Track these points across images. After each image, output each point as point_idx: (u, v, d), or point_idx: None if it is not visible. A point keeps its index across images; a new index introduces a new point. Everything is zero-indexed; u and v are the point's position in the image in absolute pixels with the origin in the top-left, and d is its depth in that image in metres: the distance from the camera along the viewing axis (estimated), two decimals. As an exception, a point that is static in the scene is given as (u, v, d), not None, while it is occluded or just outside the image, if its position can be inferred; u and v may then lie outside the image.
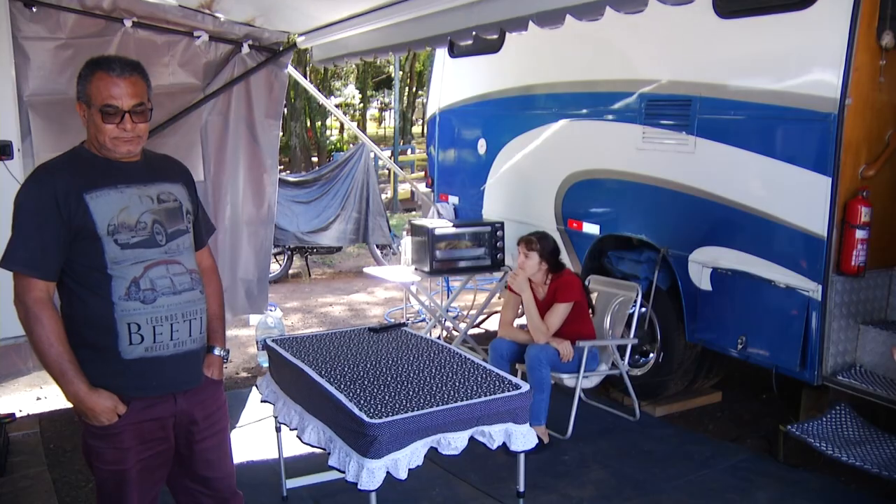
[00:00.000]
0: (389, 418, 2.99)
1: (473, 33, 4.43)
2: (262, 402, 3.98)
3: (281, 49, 5.81)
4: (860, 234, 4.32)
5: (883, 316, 4.73)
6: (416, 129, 30.87)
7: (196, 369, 2.80)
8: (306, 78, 21.67)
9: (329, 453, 3.19)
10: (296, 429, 3.56)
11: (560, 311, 4.99)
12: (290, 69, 6.08)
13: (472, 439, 3.20)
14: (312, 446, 3.39)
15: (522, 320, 5.54)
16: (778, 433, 4.69)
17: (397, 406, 3.12)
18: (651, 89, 5.33)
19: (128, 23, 4.86)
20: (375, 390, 3.32)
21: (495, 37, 4.37)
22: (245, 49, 5.56)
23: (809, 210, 4.44)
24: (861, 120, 4.34)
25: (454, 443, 3.13)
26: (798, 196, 4.50)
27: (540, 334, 4.95)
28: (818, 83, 4.37)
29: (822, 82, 4.34)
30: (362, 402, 3.17)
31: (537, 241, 5.11)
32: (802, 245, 4.48)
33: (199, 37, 5.27)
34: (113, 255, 2.55)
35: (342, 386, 3.35)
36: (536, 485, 4.30)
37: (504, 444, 3.25)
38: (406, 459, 3.01)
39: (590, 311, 5.25)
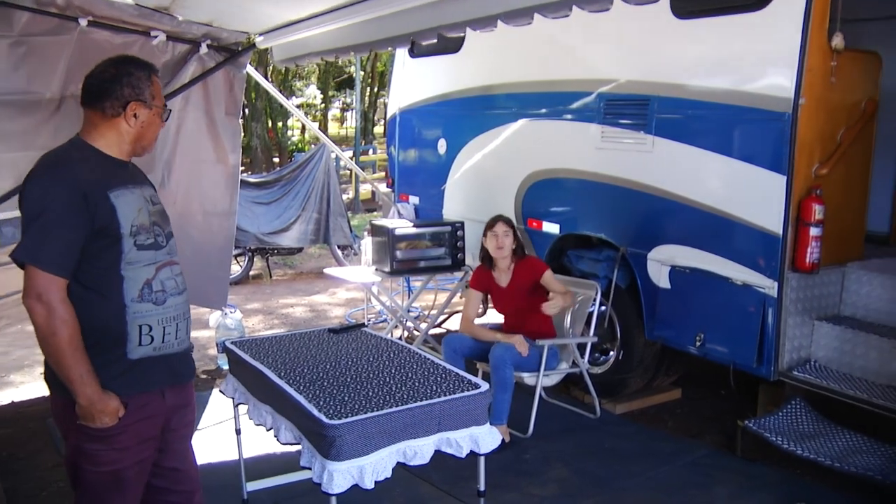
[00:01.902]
0: (349, 419, 2.98)
1: (438, 33, 4.42)
2: (235, 405, 3.93)
3: (240, 49, 5.77)
4: (814, 231, 4.39)
5: (836, 311, 4.82)
6: (378, 130, 30.83)
7: (191, 364, 2.91)
8: (267, 78, 21.55)
9: (301, 452, 3.18)
10: (271, 429, 3.53)
11: (551, 280, 5.12)
12: (250, 69, 6.04)
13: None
14: (291, 444, 3.37)
15: (483, 319, 5.57)
16: (736, 429, 4.75)
17: (357, 407, 3.11)
18: (610, 89, 5.37)
19: (83, 22, 4.79)
20: (335, 391, 3.30)
21: (461, 34, 4.37)
22: (203, 49, 5.50)
23: (765, 208, 4.50)
24: (814, 120, 4.41)
25: (421, 452, 3.13)
26: (754, 194, 4.56)
27: (566, 299, 5.05)
28: (773, 83, 4.44)
29: (777, 82, 4.41)
30: (322, 403, 3.15)
31: (510, 221, 5.23)
32: (758, 243, 4.55)
33: (156, 37, 5.21)
34: (129, 256, 2.57)
35: (302, 387, 3.33)
36: (499, 484, 4.31)
37: (470, 448, 3.27)
38: (371, 467, 2.99)
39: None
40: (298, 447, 3.19)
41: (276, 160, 23.62)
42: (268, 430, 3.54)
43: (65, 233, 2.46)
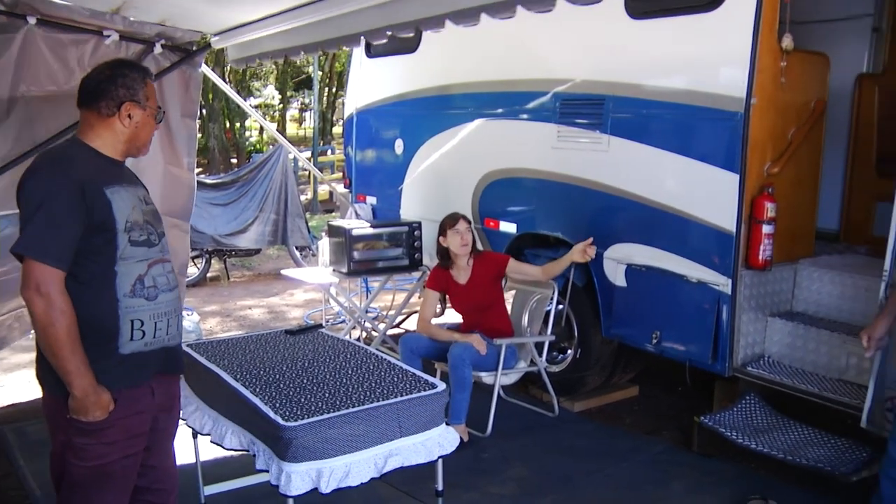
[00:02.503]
0: (305, 421, 2.98)
1: (388, 33, 4.42)
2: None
3: (194, 49, 5.71)
4: (766, 229, 4.44)
5: (789, 308, 4.90)
6: (337, 130, 30.60)
7: (181, 358, 2.99)
8: (225, 78, 21.37)
9: (254, 456, 3.17)
10: (208, 434, 3.52)
11: (518, 266, 5.25)
12: (205, 69, 5.98)
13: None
14: (236, 450, 3.36)
15: (441, 319, 5.57)
16: (693, 425, 4.80)
17: (313, 408, 3.11)
18: (565, 89, 5.41)
19: (32, 20, 4.71)
20: (291, 393, 3.30)
21: (411, 35, 4.37)
22: (157, 49, 5.44)
23: (719, 206, 4.55)
24: (765, 119, 4.47)
25: (390, 462, 3.15)
26: (708, 193, 4.61)
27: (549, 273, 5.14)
28: (725, 83, 4.48)
29: (729, 82, 4.45)
30: (278, 405, 3.15)
31: (466, 217, 5.27)
32: (713, 241, 4.60)
33: (108, 36, 5.14)
34: (123, 251, 2.63)
35: (258, 389, 3.33)
36: (458, 483, 4.31)
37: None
38: (330, 471, 2.99)
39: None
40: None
41: (234, 161, 23.43)
42: (203, 435, 3.53)
43: (63, 226, 2.51)
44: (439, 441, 3.29)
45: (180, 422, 3.21)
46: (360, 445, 3.09)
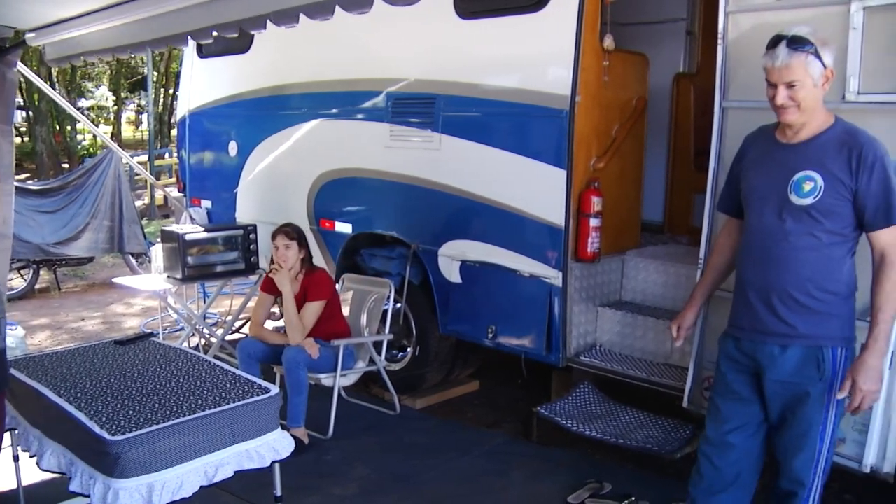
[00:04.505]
0: (134, 433, 2.87)
1: (214, 33, 4.32)
2: (10, 429, 3.67)
3: (7, 46, 5.40)
4: (594, 222, 4.59)
5: (618, 297, 5.09)
6: (175, 133, 29.68)
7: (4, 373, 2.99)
8: (52, 78, 20.38)
9: (70, 478, 3.01)
10: (35, 455, 3.33)
11: (313, 310, 4.98)
12: (23, 68, 5.66)
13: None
14: (52, 472, 3.19)
15: (277, 323, 5.48)
16: (531, 416, 4.91)
17: (142, 420, 2.99)
18: (398, 88, 5.42)
19: None
20: (119, 406, 3.16)
21: (236, 35, 4.27)
22: (-34, 46, 5.13)
23: (548, 202, 4.66)
24: (590, 116, 4.61)
25: (222, 469, 3.06)
26: (537, 189, 4.72)
27: (297, 333, 4.91)
28: (551, 82, 4.60)
29: (554, 81, 4.57)
30: (104, 419, 3.01)
31: (294, 231, 5.09)
32: (543, 235, 4.71)
33: None
34: None
35: (83, 404, 3.17)
36: (299, 487, 4.25)
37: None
38: (162, 485, 2.89)
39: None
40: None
41: (66, 166, 22.29)
42: (31, 457, 3.35)
43: None
44: (274, 446, 3.24)
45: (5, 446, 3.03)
46: (193, 455, 3.00)
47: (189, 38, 4.55)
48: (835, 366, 2.86)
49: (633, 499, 4.09)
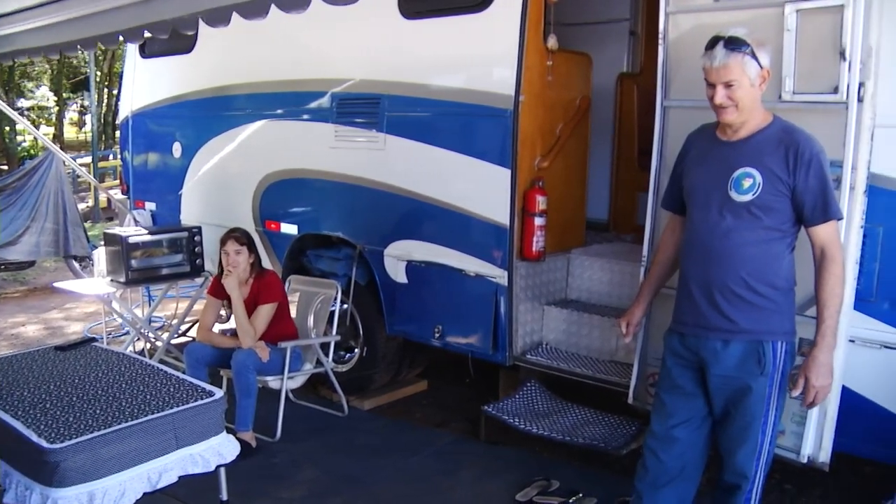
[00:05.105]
0: (73, 441, 2.82)
1: (145, 33, 4.27)
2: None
3: (-63, 44, 5.27)
4: (538, 221, 4.61)
5: (564, 296, 5.12)
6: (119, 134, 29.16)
7: None
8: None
9: (5, 490, 2.95)
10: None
11: (265, 313, 4.94)
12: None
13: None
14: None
15: (225, 325, 5.43)
16: (479, 415, 4.92)
17: (83, 427, 2.95)
18: (343, 88, 5.40)
19: None
20: (58, 413, 3.11)
21: (165, 37, 4.22)
22: None
23: (493, 201, 4.67)
24: (534, 115, 4.63)
25: (166, 474, 3.02)
26: (482, 188, 4.73)
27: (248, 337, 4.86)
28: (495, 81, 4.61)
29: (498, 80, 4.58)
30: (42, 427, 2.95)
31: (244, 235, 5.05)
32: (488, 235, 4.72)
33: None
34: None
35: (20, 412, 3.11)
36: (247, 491, 4.22)
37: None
38: (103, 493, 2.84)
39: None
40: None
41: (5, 168, 21.79)
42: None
43: None
44: (219, 450, 3.22)
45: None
46: (136, 461, 2.97)
47: (120, 37, 4.50)
48: (775, 360, 2.92)
49: (581, 495, 4.13)
